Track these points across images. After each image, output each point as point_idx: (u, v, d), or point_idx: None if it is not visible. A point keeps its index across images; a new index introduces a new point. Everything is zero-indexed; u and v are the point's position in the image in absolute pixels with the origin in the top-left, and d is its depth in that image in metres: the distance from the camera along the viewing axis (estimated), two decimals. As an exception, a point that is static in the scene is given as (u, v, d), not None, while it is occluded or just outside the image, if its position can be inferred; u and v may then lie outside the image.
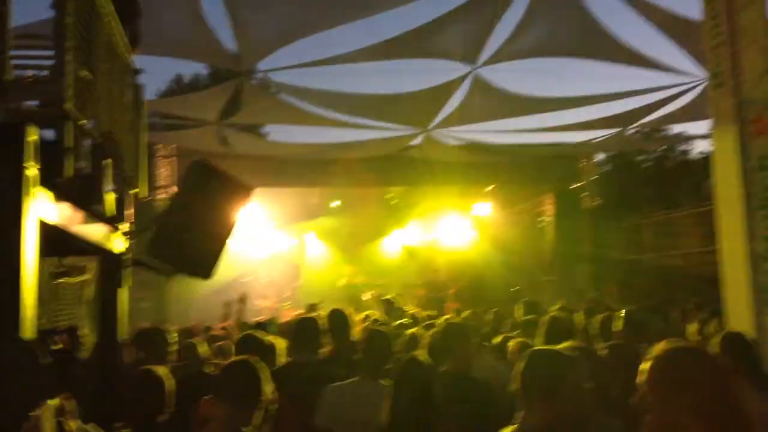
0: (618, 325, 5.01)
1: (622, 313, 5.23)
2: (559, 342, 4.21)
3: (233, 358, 3.05)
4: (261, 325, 7.06)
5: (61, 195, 2.96)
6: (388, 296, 10.63)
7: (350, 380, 3.83)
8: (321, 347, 4.49)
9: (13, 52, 3.00)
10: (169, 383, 3.37)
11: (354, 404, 3.62)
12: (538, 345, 4.13)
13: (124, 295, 4.56)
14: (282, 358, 4.47)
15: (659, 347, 1.97)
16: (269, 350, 4.29)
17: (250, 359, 2.96)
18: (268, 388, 2.84)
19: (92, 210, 3.61)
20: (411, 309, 10.11)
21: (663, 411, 1.86)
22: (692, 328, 6.58)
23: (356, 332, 4.86)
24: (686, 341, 2.79)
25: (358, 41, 11.11)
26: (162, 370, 3.50)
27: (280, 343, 4.61)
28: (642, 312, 5.97)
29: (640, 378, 1.94)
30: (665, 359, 1.94)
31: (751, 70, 5.06)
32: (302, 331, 4.46)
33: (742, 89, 5.05)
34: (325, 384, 3.81)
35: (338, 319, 4.85)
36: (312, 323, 4.50)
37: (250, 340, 4.38)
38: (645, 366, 1.95)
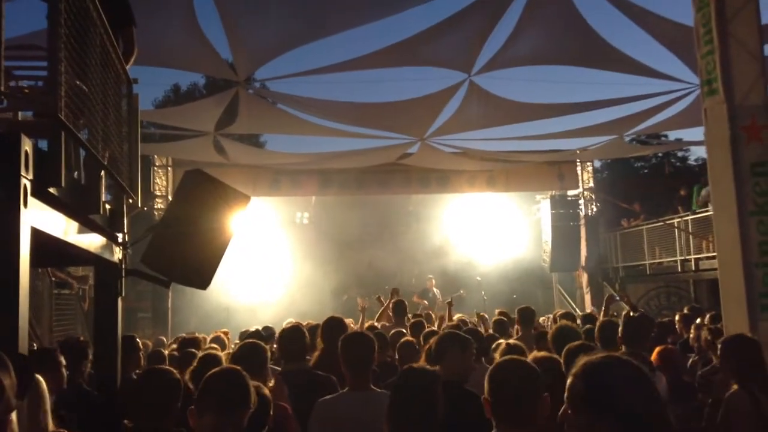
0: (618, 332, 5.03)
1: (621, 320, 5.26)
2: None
3: (216, 368, 2.90)
4: (258, 334, 7.04)
5: (56, 205, 2.97)
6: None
7: (340, 392, 3.77)
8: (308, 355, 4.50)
9: (7, 63, 3.01)
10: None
11: (346, 417, 3.54)
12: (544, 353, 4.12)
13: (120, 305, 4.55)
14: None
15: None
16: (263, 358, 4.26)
17: (233, 367, 2.85)
18: (254, 397, 2.70)
19: (88, 220, 3.61)
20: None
21: None
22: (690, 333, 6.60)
23: None
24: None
25: (353, 50, 11.17)
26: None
27: None
28: (642, 319, 6.00)
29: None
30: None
31: (742, 76, 5.09)
32: (290, 340, 4.47)
33: (734, 96, 5.08)
34: (317, 391, 3.78)
35: (333, 326, 4.87)
36: (299, 333, 4.52)
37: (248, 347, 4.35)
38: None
